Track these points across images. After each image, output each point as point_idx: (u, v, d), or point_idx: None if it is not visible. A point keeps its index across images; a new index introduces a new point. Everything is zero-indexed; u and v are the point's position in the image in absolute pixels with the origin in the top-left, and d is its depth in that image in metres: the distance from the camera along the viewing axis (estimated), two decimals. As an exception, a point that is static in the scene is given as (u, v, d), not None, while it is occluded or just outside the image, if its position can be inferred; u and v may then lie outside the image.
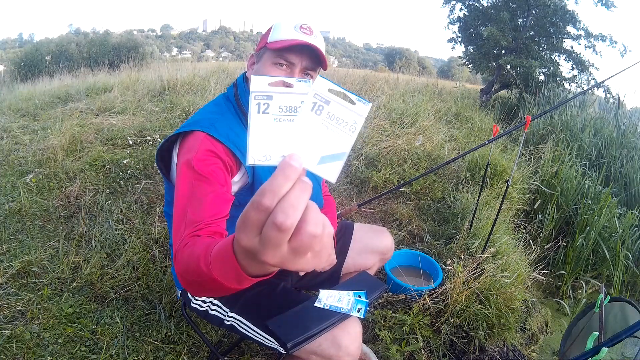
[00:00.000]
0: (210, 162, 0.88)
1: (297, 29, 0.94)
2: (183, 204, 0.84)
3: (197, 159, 0.87)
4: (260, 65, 0.98)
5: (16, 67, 12.45)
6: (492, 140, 2.06)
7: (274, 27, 0.98)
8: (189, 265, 0.65)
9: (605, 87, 6.95)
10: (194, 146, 0.90)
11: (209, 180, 0.86)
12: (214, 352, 1.32)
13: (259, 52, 1.00)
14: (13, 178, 2.64)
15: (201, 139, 0.90)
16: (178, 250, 0.75)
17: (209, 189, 0.85)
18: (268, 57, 0.96)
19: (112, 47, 13.99)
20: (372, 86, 5.94)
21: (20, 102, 4.57)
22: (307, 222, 0.34)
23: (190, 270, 0.64)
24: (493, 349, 1.72)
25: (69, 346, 1.44)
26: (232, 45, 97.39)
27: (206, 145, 0.90)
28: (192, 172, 0.86)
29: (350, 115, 0.43)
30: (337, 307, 0.97)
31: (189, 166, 0.87)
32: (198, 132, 0.91)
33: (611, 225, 2.96)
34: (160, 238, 2.06)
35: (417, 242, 2.36)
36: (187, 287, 0.68)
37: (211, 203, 0.84)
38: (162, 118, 3.85)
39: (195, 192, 0.84)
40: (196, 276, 0.60)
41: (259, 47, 1.01)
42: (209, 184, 0.85)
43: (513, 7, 7.40)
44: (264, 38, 0.99)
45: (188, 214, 0.81)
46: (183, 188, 0.86)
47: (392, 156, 3.37)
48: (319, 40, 0.96)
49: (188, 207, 0.83)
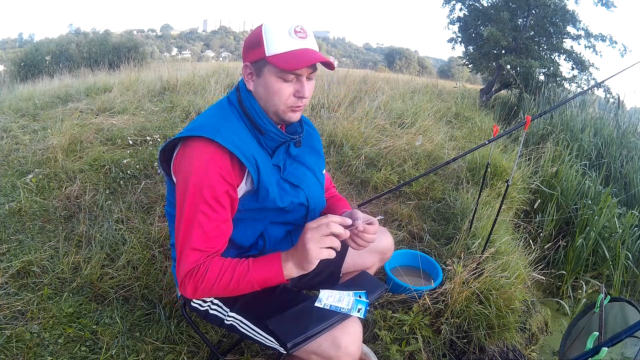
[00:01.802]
0: (218, 188, 0.90)
1: (292, 34, 0.91)
2: (188, 226, 0.90)
3: (207, 186, 0.89)
4: (266, 80, 0.94)
5: (16, 67, 12.45)
6: (492, 140, 2.07)
7: (266, 33, 0.91)
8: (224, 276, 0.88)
9: (605, 87, 6.95)
10: (201, 164, 0.89)
11: (214, 210, 0.90)
12: (214, 352, 1.32)
13: (257, 63, 0.94)
14: (13, 178, 2.64)
15: (207, 156, 0.89)
16: (193, 273, 0.89)
17: (216, 217, 0.91)
18: (272, 71, 0.92)
19: (112, 47, 13.97)
20: (372, 86, 5.94)
21: (20, 102, 4.57)
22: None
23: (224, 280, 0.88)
24: (493, 349, 1.72)
25: (69, 346, 1.44)
26: (232, 45, 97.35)
27: (213, 166, 0.89)
28: (201, 198, 0.89)
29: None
30: (337, 307, 0.97)
31: (197, 189, 0.89)
32: (201, 140, 0.90)
33: (611, 225, 2.96)
34: (160, 238, 2.06)
35: (417, 242, 2.36)
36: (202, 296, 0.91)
37: (215, 231, 0.91)
38: (162, 118, 3.85)
39: (202, 220, 0.89)
40: (235, 283, 0.88)
41: (255, 58, 0.94)
42: (215, 213, 0.91)
43: (513, 7, 7.40)
44: (257, 48, 0.92)
45: (193, 240, 0.89)
46: (189, 211, 0.90)
47: (392, 156, 3.37)
48: (312, 40, 0.95)
49: (193, 233, 0.89)
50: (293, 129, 1.09)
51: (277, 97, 0.95)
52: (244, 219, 1.02)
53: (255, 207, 1.00)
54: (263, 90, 0.96)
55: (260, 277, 0.90)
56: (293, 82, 0.94)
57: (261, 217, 1.04)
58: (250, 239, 1.06)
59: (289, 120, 1.00)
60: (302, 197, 1.07)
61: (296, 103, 0.96)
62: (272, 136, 1.00)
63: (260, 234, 1.07)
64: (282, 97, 0.95)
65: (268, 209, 1.01)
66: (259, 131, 0.99)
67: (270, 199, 0.98)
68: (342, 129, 3.59)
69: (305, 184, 1.09)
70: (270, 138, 1.00)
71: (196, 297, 0.92)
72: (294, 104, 0.96)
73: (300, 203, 1.07)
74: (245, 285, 0.89)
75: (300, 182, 1.07)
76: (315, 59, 0.91)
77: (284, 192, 1.02)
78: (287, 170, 1.06)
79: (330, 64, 0.97)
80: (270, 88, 0.94)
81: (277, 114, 0.98)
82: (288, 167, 1.06)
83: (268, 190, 0.97)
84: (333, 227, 0.85)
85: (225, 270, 0.89)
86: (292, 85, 0.94)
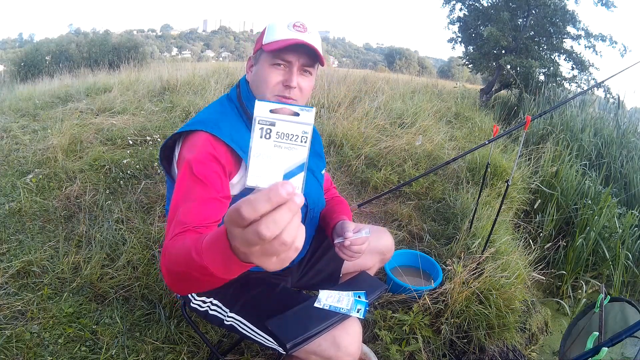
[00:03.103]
0: (209, 166, 0.88)
1: (290, 27, 0.95)
2: (176, 204, 0.86)
3: (196, 161, 0.87)
4: (259, 67, 0.99)
5: (16, 67, 12.45)
6: (492, 140, 2.07)
7: (268, 28, 0.98)
8: (178, 256, 0.66)
9: (605, 87, 6.95)
10: (196, 147, 0.90)
11: (204, 184, 0.86)
12: (214, 352, 1.32)
13: (256, 54, 1.01)
14: (13, 178, 2.64)
15: (203, 140, 0.90)
16: (165, 246, 0.76)
17: (203, 192, 0.86)
18: (265, 59, 0.97)
19: (112, 47, 13.98)
20: (372, 86, 5.94)
21: (20, 102, 4.57)
22: (283, 233, 0.40)
23: (179, 261, 0.65)
24: (493, 349, 1.72)
25: (69, 346, 1.44)
26: (232, 45, 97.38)
27: (207, 147, 0.90)
28: (190, 173, 0.87)
29: (298, 127, 0.46)
30: (337, 307, 0.97)
31: (187, 167, 0.88)
32: (201, 132, 0.91)
33: (611, 225, 2.96)
34: (160, 238, 2.06)
35: (417, 242, 2.36)
36: (170, 281, 0.71)
37: (202, 206, 0.85)
38: (162, 118, 3.85)
39: (189, 194, 0.85)
40: (184, 266, 0.61)
41: (256, 49, 1.01)
42: (204, 188, 0.86)
43: (513, 7, 7.40)
44: (259, 40, 1.00)
45: (179, 215, 0.83)
46: (179, 188, 0.87)
47: (392, 156, 3.37)
48: (313, 37, 0.96)
49: (180, 208, 0.84)
50: None
51: (265, 83, 0.96)
52: None
53: None
54: (255, 77, 0.99)
55: (209, 251, 0.58)
56: (282, 70, 0.96)
57: None
58: None
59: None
60: None
61: (282, 92, 0.97)
62: None
63: None
64: (270, 83, 0.96)
65: None
66: None
67: None
68: (342, 129, 3.59)
69: None
70: None
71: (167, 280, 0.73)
72: (280, 92, 0.97)
73: None
74: (195, 266, 0.58)
75: None
76: (299, 42, 0.92)
77: None
78: None
79: (318, 54, 0.96)
80: (260, 74, 0.97)
81: None
82: None
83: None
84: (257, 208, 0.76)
85: (184, 243, 0.68)
86: (282, 73, 0.96)
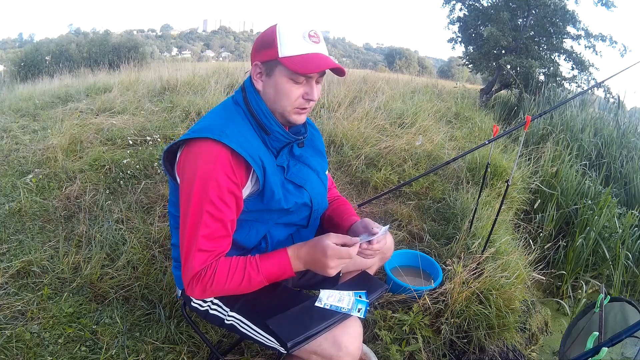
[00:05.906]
0: (224, 188, 0.90)
1: (306, 38, 0.92)
2: (193, 227, 0.90)
3: (212, 186, 0.89)
4: (276, 80, 0.94)
5: (16, 67, 12.47)
6: (492, 140, 2.07)
7: (281, 36, 0.92)
8: (234, 276, 0.91)
9: (605, 87, 6.95)
10: (208, 165, 0.89)
11: (221, 210, 0.91)
12: (214, 352, 1.32)
13: (268, 63, 0.95)
14: (13, 178, 2.64)
15: (214, 155, 0.89)
16: (200, 276, 0.90)
17: (222, 219, 0.92)
18: (283, 72, 0.93)
19: (112, 47, 14.00)
20: (372, 86, 5.94)
21: (20, 102, 4.57)
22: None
23: (230, 289, 0.93)
24: (493, 349, 1.72)
25: (69, 346, 1.44)
26: (232, 45, 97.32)
27: (220, 166, 0.89)
28: (206, 198, 0.89)
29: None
30: (338, 307, 0.97)
31: (202, 189, 0.89)
32: (207, 140, 0.90)
33: (611, 225, 2.96)
34: (160, 238, 2.06)
35: (417, 242, 2.36)
36: (207, 296, 0.94)
37: (222, 232, 0.93)
38: (162, 118, 3.85)
39: (208, 222, 0.90)
40: (246, 283, 0.92)
41: (266, 57, 0.94)
42: (221, 213, 0.91)
43: (513, 7, 7.40)
44: (270, 48, 0.93)
45: (199, 241, 0.90)
46: (194, 211, 0.90)
47: (392, 156, 3.37)
48: (324, 45, 0.97)
49: (199, 233, 0.89)
50: (297, 129, 1.09)
51: (287, 98, 0.96)
52: (248, 221, 1.02)
53: (260, 208, 1.00)
54: (272, 90, 0.96)
55: (271, 275, 0.95)
56: (303, 84, 0.96)
57: (266, 219, 1.04)
58: (254, 241, 1.06)
59: (294, 122, 1.01)
60: (306, 197, 1.07)
61: (303, 105, 0.98)
62: (278, 137, 1.00)
63: (264, 235, 1.07)
64: (291, 98, 0.96)
65: (272, 210, 1.02)
66: (264, 132, 0.99)
67: (275, 200, 0.99)
68: (342, 129, 3.59)
69: (308, 184, 1.09)
70: (275, 139, 1.00)
71: (205, 297, 0.96)
72: (300, 105, 0.98)
73: (304, 203, 1.07)
74: (256, 284, 0.95)
75: (304, 182, 1.08)
76: (329, 65, 0.93)
77: (287, 192, 1.03)
78: (290, 170, 1.06)
79: (341, 70, 0.97)
80: (280, 89, 0.95)
81: (284, 115, 0.99)
82: (292, 168, 1.06)
83: (274, 192, 0.98)
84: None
85: (235, 271, 0.92)
86: (302, 87, 0.96)
